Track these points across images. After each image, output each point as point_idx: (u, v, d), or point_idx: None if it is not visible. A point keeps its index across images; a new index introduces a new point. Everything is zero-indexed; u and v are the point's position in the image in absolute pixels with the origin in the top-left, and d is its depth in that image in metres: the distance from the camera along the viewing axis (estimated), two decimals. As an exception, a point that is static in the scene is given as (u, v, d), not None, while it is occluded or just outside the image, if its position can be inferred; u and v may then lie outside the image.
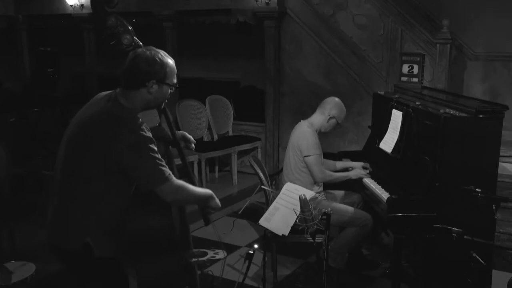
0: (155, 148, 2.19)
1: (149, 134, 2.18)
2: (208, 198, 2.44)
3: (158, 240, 2.38)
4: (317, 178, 3.86)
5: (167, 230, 2.41)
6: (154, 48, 2.28)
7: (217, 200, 2.49)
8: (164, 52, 2.28)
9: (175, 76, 2.31)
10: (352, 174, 3.96)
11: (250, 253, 2.75)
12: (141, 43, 2.64)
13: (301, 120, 4.04)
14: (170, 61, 2.27)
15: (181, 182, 2.28)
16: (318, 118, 3.97)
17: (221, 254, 4.14)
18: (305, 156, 3.81)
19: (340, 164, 4.20)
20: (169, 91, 2.30)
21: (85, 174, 2.17)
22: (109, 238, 2.25)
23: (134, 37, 2.66)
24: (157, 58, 2.21)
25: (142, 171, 2.17)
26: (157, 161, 2.18)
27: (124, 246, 2.31)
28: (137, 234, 2.32)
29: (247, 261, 2.76)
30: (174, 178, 2.23)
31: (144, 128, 2.17)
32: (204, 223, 2.62)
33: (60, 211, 2.26)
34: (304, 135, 3.86)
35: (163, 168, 2.19)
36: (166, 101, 2.37)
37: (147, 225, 2.35)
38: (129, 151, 2.13)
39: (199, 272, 2.79)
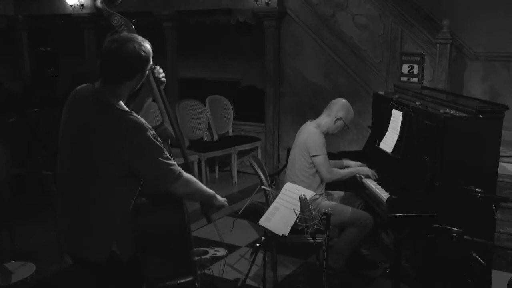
0: (161, 145, 2.16)
1: (153, 131, 2.16)
2: (213, 197, 2.45)
3: (169, 236, 2.37)
4: (325, 178, 3.84)
5: (178, 225, 2.40)
6: (130, 36, 2.21)
7: (222, 199, 2.50)
8: (140, 38, 2.21)
9: None
10: (361, 170, 3.94)
11: (257, 246, 2.76)
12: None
13: (308, 121, 4.01)
14: (148, 46, 2.22)
15: (190, 176, 2.28)
16: (325, 120, 3.94)
17: (222, 251, 4.14)
18: (313, 156, 3.79)
19: (346, 162, 4.17)
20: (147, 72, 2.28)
21: (100, 181, 2.14)
22: (130, 239, 2.24)
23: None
24: (142, 52, 2.15)
25: (153, 173, 2.17)
26: (166, 161, 2.16)
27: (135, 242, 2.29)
28: (149, 230, 2.30)
29: (253, 255, 2.77)
30: (184, 173, 2.23)
31: (148, 127, 2.14)
32: (207, 221, 2.63)
33: (81, 223, 2.22)
34: (311, 135, 3.84)
35: (173, 168, 2.18)
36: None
37: (159, 220, 2.33)
38: (137, 155, 2.11)
39: (199, 272, 2.79)
